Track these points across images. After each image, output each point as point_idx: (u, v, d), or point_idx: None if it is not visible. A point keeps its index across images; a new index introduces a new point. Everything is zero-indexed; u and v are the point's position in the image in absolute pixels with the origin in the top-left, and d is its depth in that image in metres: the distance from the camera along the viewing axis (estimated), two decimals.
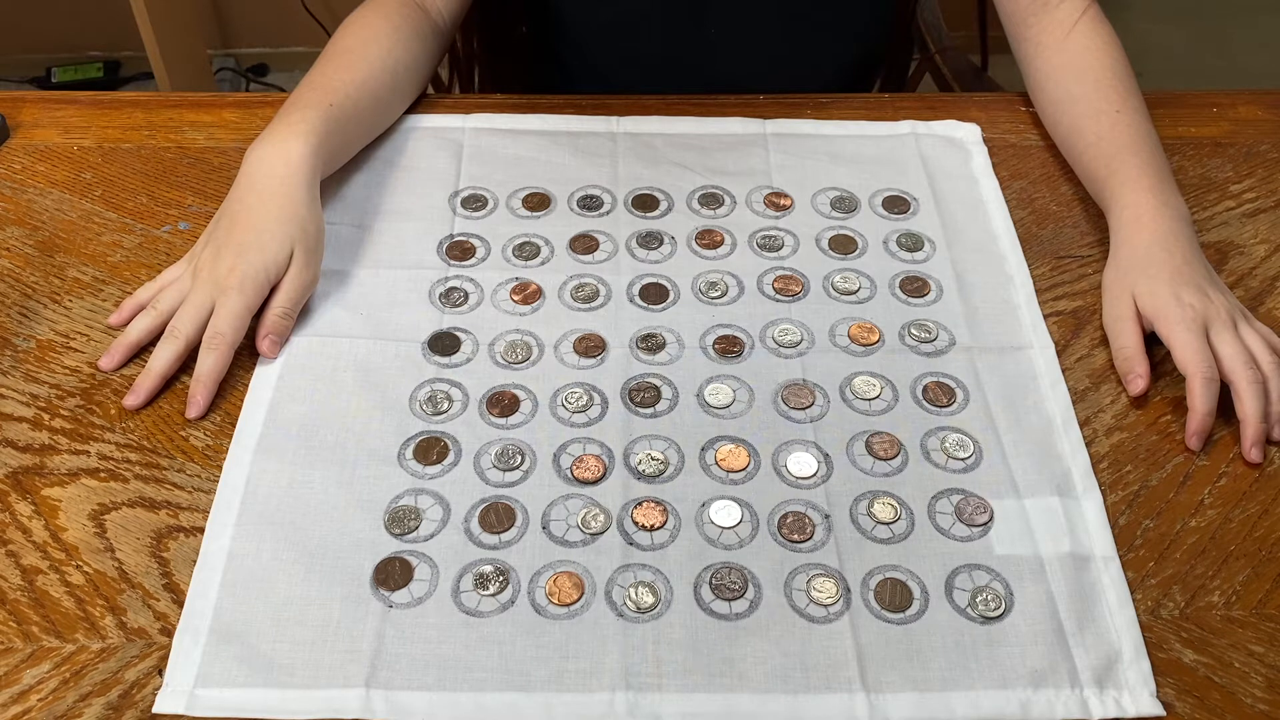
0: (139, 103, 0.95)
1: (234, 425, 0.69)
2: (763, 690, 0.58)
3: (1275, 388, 0.70)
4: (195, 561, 0.62)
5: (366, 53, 0.87)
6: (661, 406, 0.71)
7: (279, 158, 0.76)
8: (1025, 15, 0.92)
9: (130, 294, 0.77)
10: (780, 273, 0.81)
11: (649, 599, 0.61)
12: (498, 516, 0.65)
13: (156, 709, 0.57)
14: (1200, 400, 0.69)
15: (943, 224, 0.85)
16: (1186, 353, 0.70)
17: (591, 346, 0.75)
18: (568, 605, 0.61)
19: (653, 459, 0.68)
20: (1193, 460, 0.69)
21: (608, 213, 0.85)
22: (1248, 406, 0.69)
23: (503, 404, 0.71)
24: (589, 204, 0.86)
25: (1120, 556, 0.64)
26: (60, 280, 0.79)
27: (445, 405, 0.71)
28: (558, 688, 0.58)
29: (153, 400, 0.71)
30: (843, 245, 0.83)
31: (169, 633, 0.60)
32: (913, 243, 0.83)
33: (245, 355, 0.73)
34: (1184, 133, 0.94)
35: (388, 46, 0.88)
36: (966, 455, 0.69)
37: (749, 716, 0.57)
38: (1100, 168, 0.83)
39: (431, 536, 0.64)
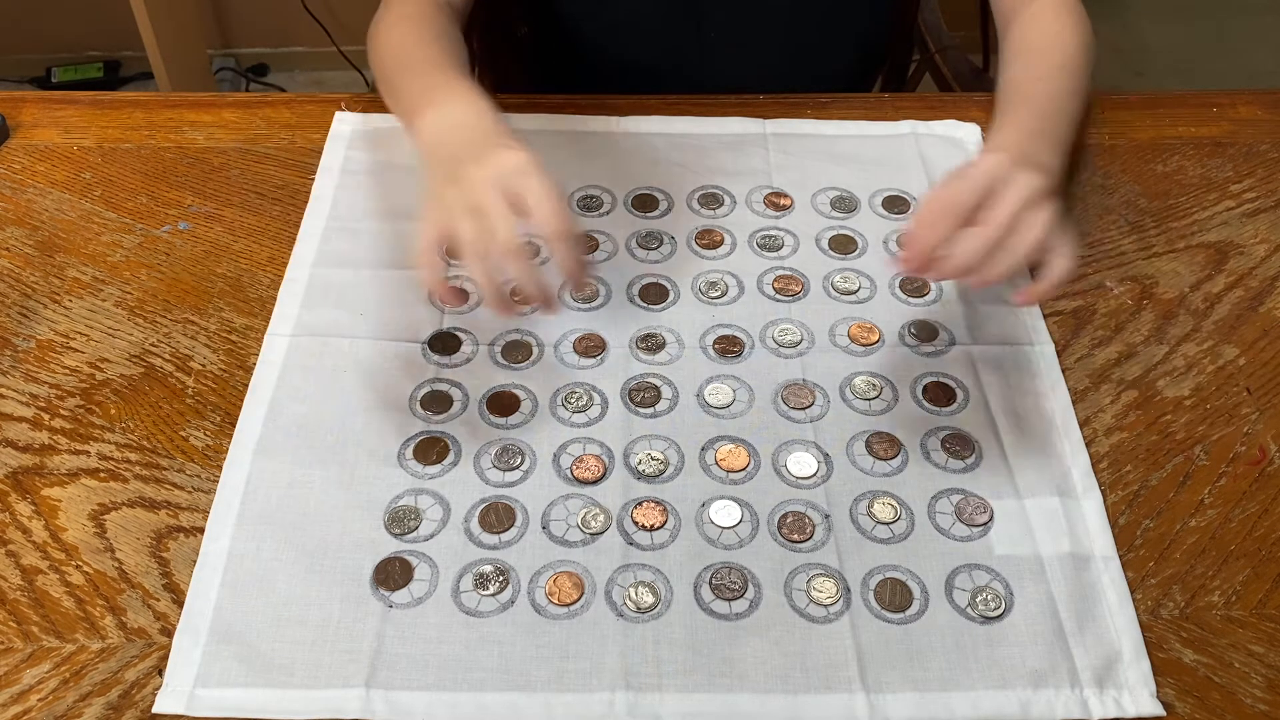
0: (139, 103, 0.95)
1: (234, 425, 0.69)
2: (763, 690, 0.58)
3: (999, 256, 0.64)
4: (195, 561, 0.62)
5: (434, 39, 0.83)
6: (661, 406, 0.71)
7: (465, 109, 0.72)
8: (1008, 13, 0.92)
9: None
10: (780, 273, 0.81)
11: (649, 599, 0.61)
12: (498, 516, 0.65)
13: (156, 709, 0.57)
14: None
15: None
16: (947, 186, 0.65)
17: (591, 346, 0.75)
18: (568, 605, 0.61)
19: (653, 459, 0.68)
20: (1193, 460, 0.69)
21: (608, 213, 0.85)
22: (961, 245, 0.64)
23: (503, 404, 0.71)
24: (589, 204, 0.86)
25: (1120, 556, 0.64)
26: (60, 280, 0.79)
27: (445, 405, 0.71)
28: (558, 688, 0.58)
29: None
30: (843, 245, 0.83)
31: (169, 633, 0.60)
32: None
33: (245, 356, 0.73)
34: (1184, 133, 0.94)
35: (445, 25, 0.86)
36: (967, 455, 0.69)
37: (749, 716, 0.57)
38: (996, 113, 0.79)
39: (431, 536, 0.64)
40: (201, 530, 0.64)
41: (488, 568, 0.63)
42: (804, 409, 0.71)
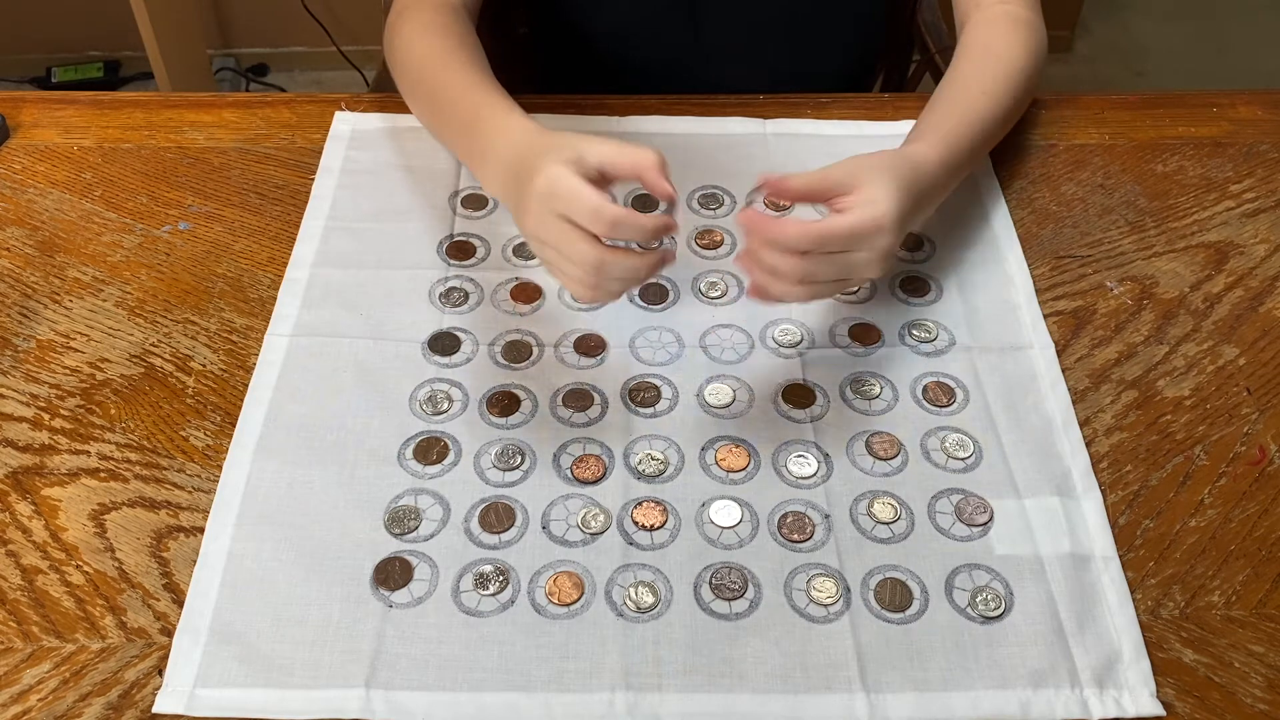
0: (139, 103, 0.95)
1: (234, 425, 0.69)
2: (763, 690, 0.58)
3: (817, 290, 0.67)
4: (195, 561, 0.63)
5: (465, 57, 0.83)
6: (661, 406, 0.71)
7: (506, 145, 0.71)
8: (963, 15, 0.91)
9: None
10: None
11: (649, 599, 0.61)
12: (498, 516, 0.65)
13: (156, 709, 0.57)
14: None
15: (942, 224, 0.85)
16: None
17: (591, 346, 0.75)
18: (568, 605, 0.61)
19: (653, 459, 0.68)
20: (1193, 460, 0.69)
21: None
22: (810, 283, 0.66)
23: (503, 404, 0.71)
24: None
25: (1120, 556, 0.64)
26: (60, 280, 0.79)
27: (445, 405, 0.71)
28: (558, 688, 0.58)
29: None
30: None
31: (169, 633, 0.60)
32: (913, 243, 0.83)
33: (245, 356, 0.73)
34: (1184, 133, 0.94)
35: (466, 33, 0.86)
36: (966, 455, 0.69)
37: (749, 716, 0.57)
38: (927, 113, 0.80)
39: (431, 536, 0.64)
40: (201, 530, 0.64)
41: (488, 568, 0.63)
42: (804, 409, 0.71)
